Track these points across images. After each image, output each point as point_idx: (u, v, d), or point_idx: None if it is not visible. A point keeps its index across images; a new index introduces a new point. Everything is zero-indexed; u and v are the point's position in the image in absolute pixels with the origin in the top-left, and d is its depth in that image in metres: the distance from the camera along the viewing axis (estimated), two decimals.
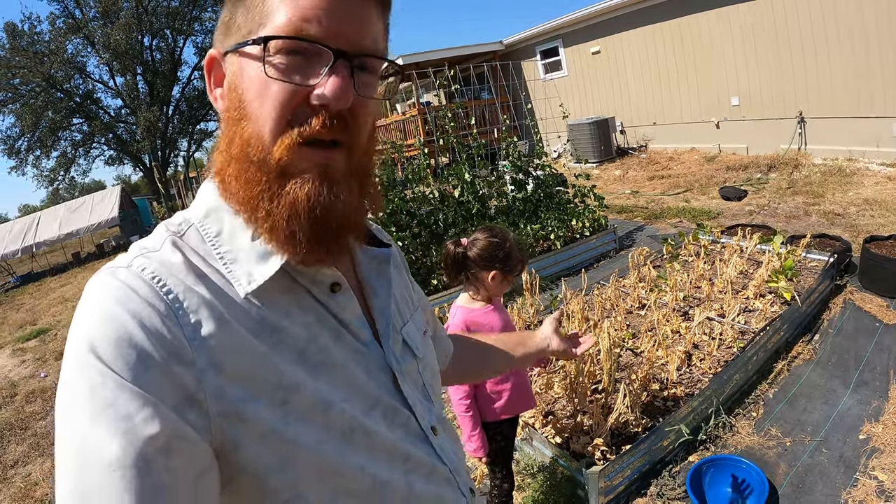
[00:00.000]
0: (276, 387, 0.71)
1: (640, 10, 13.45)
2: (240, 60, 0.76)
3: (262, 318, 0.74)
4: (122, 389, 0.60)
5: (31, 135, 27.03)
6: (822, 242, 5.74)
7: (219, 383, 0.67)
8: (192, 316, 0.68)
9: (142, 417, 0.60)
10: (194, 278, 0.72)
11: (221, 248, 0.77)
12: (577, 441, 3.24)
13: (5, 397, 6.82)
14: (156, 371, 0.63)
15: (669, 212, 8.93)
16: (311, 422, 0.73)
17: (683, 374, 3.80)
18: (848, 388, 3.62)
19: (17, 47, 25.11)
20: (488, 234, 2.52)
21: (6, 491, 4.56)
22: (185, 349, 0.66)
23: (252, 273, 0.75)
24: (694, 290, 5.03)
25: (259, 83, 0.73)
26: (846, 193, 8.20)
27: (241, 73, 0.76)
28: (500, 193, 7.46)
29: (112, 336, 0.63)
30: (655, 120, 14.13)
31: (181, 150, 32.20)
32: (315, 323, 0.80)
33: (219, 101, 0.82)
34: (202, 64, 2.42)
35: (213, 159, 0.83)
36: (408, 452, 0.86)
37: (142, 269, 0.70)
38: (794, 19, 10.30)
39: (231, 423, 0.67)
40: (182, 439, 0.62)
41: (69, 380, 0.63)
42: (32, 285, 16.86)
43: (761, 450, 3.21)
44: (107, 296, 0.67)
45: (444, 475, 0.93)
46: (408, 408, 0.89)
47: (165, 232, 0.79)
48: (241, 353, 0.70)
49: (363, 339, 0.86)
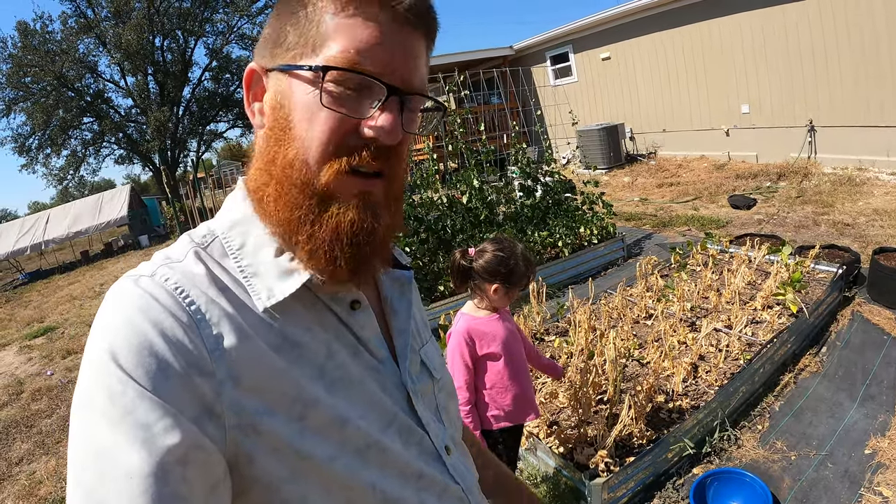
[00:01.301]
0: (295, 401, 0.72)
1: (651, 16, 13.44)
2: (290, 81, 0.76)
3: (282, 333, 0.75)
4: (142, 398, 0.61)
5: (41, 133, 27.24)
6: (831, 253, 5.71)
7: (237, 396, 0.67)
8: (213, 328, 0.69)
9: (161, 427, 0.60)
10: (217, 290, 0.73)
11: (243, 261, 0.78)
12: (581, 452, 3.23)
13: (11, 395, 6.85)
14: (176, 381, 0.63)
15: (678, 220, 8.91)
16: (326, 437, 0.74)
17: (689, 386, 3.79)
18: (854, 401, 3.60)
19: (28, 46, 25.31)
20: (496, 246, 2.52)
21: (10, 488, 4.58)
22: (206, 360, 0.66)
23: (272, 289, 0.76)
24: (701, 301, 5.01)
25: (310, 108, 0.74)
26: (856, 203, 8.16)
27: (290, 95, 0.76)
28: (509, 200, 7.45)
29: (133, 344, 0.63)
30: (665, 127, 14.11)
31: (191, 150, 32.37)
32: (334, 340, 0.80)
33: (257, 116, 0.82)
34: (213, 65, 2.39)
35: (250, 175, 0.83)
36: (420, 471, 0.86)
37: (165, 278, 0.71)
38: (805, 27, 10.27)
39: (247, 435, 0.68)
40: (200, 450, 0.62)
41: (88, 386, 0.63)
42: (41, 283, 16.94)
43: (766, 463, 3.20)
44: (129, 303, 0.67)
45: (457, 494, 0.93)
46: (421, 427, 0.89)
47: (190, 243, 0.79)
48: (260, 366, 0.70)
49: (379, 357, 0.87)
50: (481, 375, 2.59)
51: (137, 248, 20.20)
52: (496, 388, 2.57)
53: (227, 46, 30.28)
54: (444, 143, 7.54)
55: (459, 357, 2.52)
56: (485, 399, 2.58)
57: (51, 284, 16.13)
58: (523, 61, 17.96)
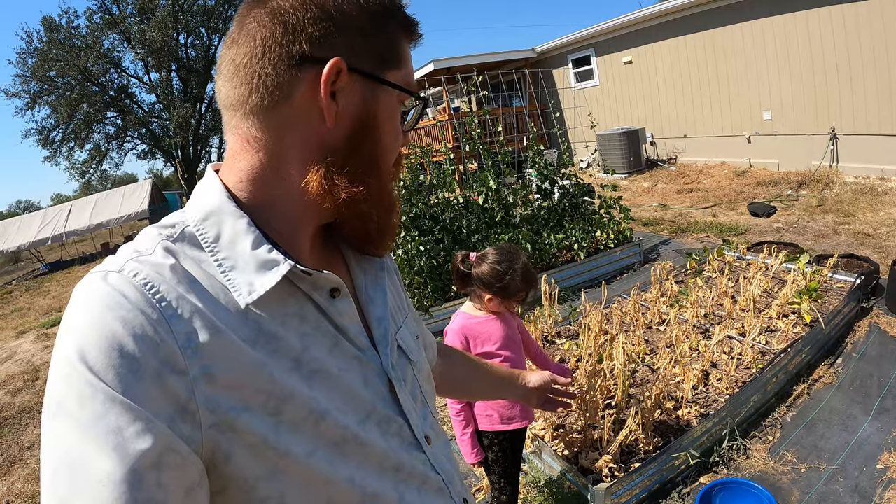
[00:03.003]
0: (269, 396, 0.70)
1: (674, 20, 13.37)
2: (381, 93, 0.82)
3: (257, 327, 0.73)
4: (113, 402, 0.59)
5: (65, 126, 27.60)
6: (850, 263, 5.61)
7: (211, 393, 0.66)
8: (185, 324, 0.67)
9: (133, 431, 0.59)
10: (187, 285, 0.70)
11: (219, 254, 0.75)
12: (586, 456, 3.19)
13: (27, 381, 6.99)
14: (148, 382, 0.62)
15: (696, 226, 8.84)
16: (302, 432, 0.72)
17: (699, 394, 3.73)
18: (868, 415, 3.53)
19: (54, 41, 25.69)
20: (496, 258, 2.50)
21: (20, 472, 4.68)
22: (178, 358, 0.64)
23: (253, 283, 0.74)
24: (716, 307, 4.95)
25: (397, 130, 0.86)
26: (877, 213, 8.05)
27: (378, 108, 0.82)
28: (526, 202, 7.42)
29: (103, 345, 0.61)
30: (686, 132, 14.00)
31: (213, 146, 32.61)
32: (312, 331, 0.79)
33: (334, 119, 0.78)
34: None
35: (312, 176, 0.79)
36: (400, 462, 0.85)
37: (133, 273, 0.68)
38: (828, 35, 10.15)
39: (223, 432, 0.66)
40: (174, 453, 0.61)
41: (57, 388, 0.62)
42: (61, 273, 17.23)
43: (775, 475, 3.14)
44: (97, 301, 0.65)
45: (437, 485, 0.92)
46: (402, 416, 0.88)
47: (158, 235, 0.76)
48: (234, 362, 0.68)
49: (361, 346, 0.85)
50: None
51: None
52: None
53: None
54: (462, 143, 7.54)
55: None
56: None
57: (70, 275, 16.38)
58: (545, 63, 17.95)
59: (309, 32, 0.75)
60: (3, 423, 5.76)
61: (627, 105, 15.83)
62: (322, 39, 0.75)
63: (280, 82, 0.76)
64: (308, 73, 0.75)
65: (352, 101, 0.78)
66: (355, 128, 0.79)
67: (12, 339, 9.65)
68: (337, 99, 0.77)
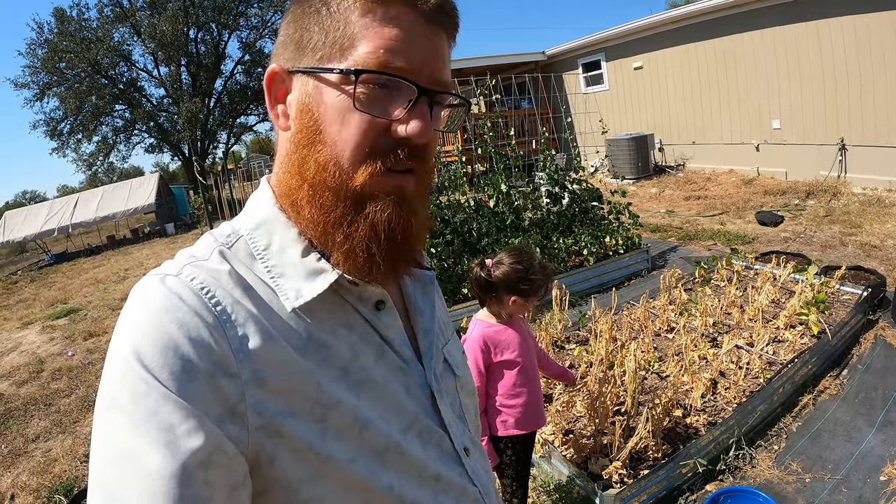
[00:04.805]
0: (316, 403, 0.72)
1: (684, 27, 13.39)
2: (316, 84, 0.76)
3: (307, 335, 0.75)
4: (167, 400, 0.60)
5: (73, 118, 27.64)
6: (857, 275, 5.65)
7: (260, 397, 0.67)
8: (238, 329, 0.68)
9: (185, 429, 0.60)
10: (242, 291, 0.72)
11: (269, 261, 0.77)
12: (595, 462, 3.24)
13: (32, 373, 6.96)
14: (201, 382, 0.63)
15: (704, 234, 8.86)
16: (346, 439, 0.73)
17: (707, 402, 3.78)
18: (873, 427, 3.57)
19: (64, 32, 25.75)
20: (514, 258, 2.54)
21: (25, 464, 4.65)
22: (231, 361, 0.66)
23: (300, 289, 0.76)
24: (724, 317, 4.99)
25: (342, 111, 0.74)
26: (884, 225, 8.06)
27: (319, 98, 0.76)
28: (536, 206, 7.44)
29: (158, 345, 0.63)
30: (695, 139, 14.02)
31: (220, 141, 32.65)
32: (359, 341, 0.80)
33: (280, 119, 0.82)
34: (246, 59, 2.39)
35: (280, 179, 0.83)
36: (439, 473, 0.85)
37: (191, 278, 0.70)
38: (839, 45, 10.16)
39: (269, 436, 0.67)
40: (222, 453, 0.62)
41: (112, 386, 0.63)
42: (66, 265, 17.19)
43: (780, 484, 3.18)
44: (154, 303, 0.67)
45: (475, 496, 0.92)
46: (443, 427, 0.89)
47: (214, 242, 0.79)
48: (284, 368, 0.70)
49: (405, 358, 0.86)
50: (493, 382, 2.62)
51: (163, 235, 20.46)
52: (507, 395, 2.60)
53: (261, 41, 30.51)
54: (474, 145, 7.56)
55: (473, 363, 2.55)
56: (496, 405, 2.61)
57: (76, 267, 16.37)
58: (555, 67, 17.92)
59: (276, 50, 0.81)
60: (8, 415, 5.74)
61: (637, 110, 15.85)
62: (278, 51, 0.81)
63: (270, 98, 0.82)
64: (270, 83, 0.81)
65: (295, 99, 0.79)
66: (300, 124, 0.78)
67: (17, 329, 9.63)
68: (288, 102, 0.80)
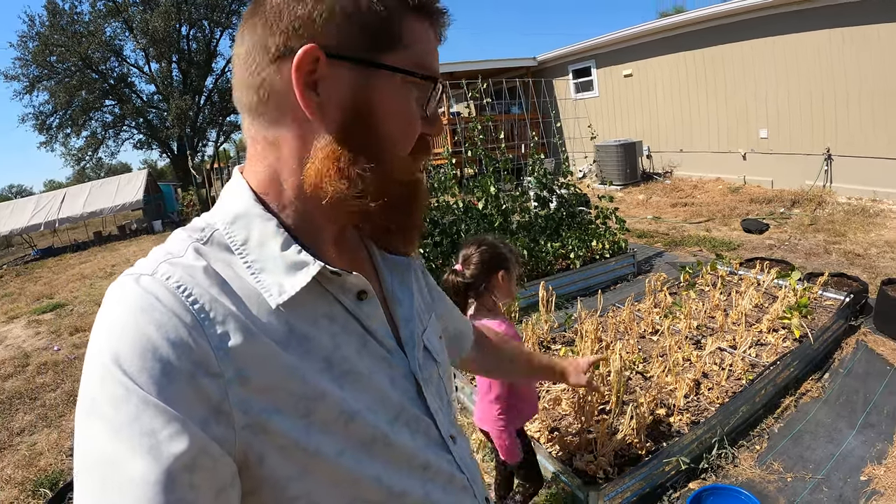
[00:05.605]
0: (301, 397, 0.71)
1: (674, 36, 13.52)
2: (383, 80, 0.76)
3: (289, 328, 0.73)
4: (147, 405, 0.60)
5: (63, 112, 27.46)
6: (840, 281, 5.73)
7: (245, 395, 0.66)
8: (218, 327, 0.67)
9: (167, 434, 0.59)
10: (219, 288, 0.71)
11: (248, 256, 0.75)
12: (580, 458, 3.28)
13: (17, 366, 6.92)
14: (182, 384, 0.62)
15: (690, 240, 8.94)
16: (332, 432, 0.73)
17: (691, 402, 3.82)
18: (854, 429, 3.63)
19: (56, 25, 25.57)
20: (475, 247, 2.58)
21: (10, 457, 4.63)
22: (212, 360, 0.65)
23: (283, 284, 0.74)
24: (708, 320, 5.05)
25: (407, 114, 0.79)
26: (868, 234, 8.19)
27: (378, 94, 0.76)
28: (524, 209, 7.49)
29: (137, 348, 0.62)
30: (682, 147, 14.14)
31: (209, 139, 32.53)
32: (341, 331, 0.80)
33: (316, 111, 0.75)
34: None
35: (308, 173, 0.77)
36: (427, 461, 0.86)
37: (166, 277, 0.69)
38: (826, 57, 10.30)
39: (255, 434, 0.67)
40: (207, 455, 0.62)
41: (91, 391, 0.62)
42: (52, 260, 17.06)
43: (762, 483, 3.23)
44: (131, 304, 0.66)
45: (462, 483, 0.93)
46: (430, 416, 0.90)
47: (188, 238, 0.77)
48: (267, 364, 0.69)
49: (389, 348, 0.86)
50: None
51: (151, 232, 20.37)
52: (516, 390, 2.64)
53: None
54: (464, 148, 7.60)
55: None
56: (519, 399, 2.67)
57: (62, 262, 16.24)
58: (546, 73, 18.05)
59: (286, 23, 0.72)
60: None
61: (626, 117, 15.96)
62: (300, 29, 0.72)
63: (265, 79, 0.75)
64: (286, 66, 0.73)
65: (337, 90, 0.74)
66: (346, 119, 0.75)
67: (2, 323, 9.55)
68: (319, 89, 0.74)
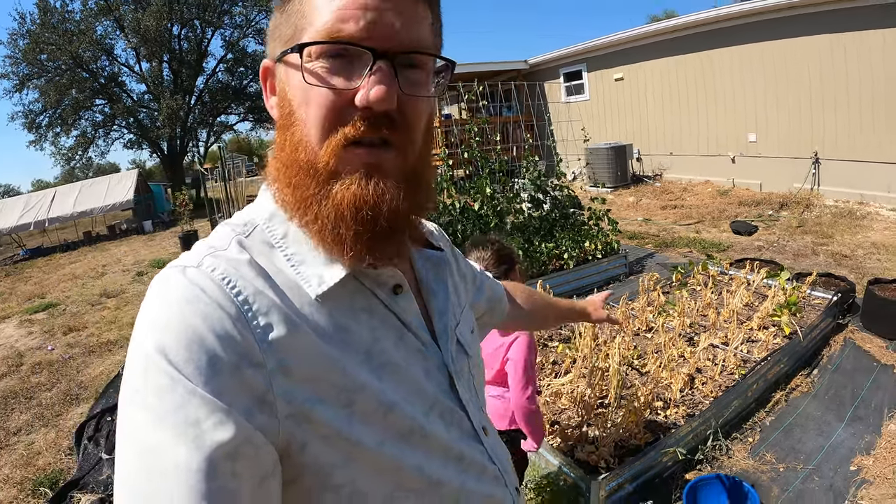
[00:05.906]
0: (342, 389, 0.72)
1: (665, 41, 13.71)
2: (286, 69, 0.77)
3: (330, 320, 0.75)
4: (192, 395, 0.61)
5: (52, 111, 27.12)
6: (828, 281, 5.88)
7: (288, 386, 0.67)
8: (261, 318, 0.68)
9: (211, 423, 0.60)
10: (262, 280, 0.72)
11: (288, 250, 0.78)
12: (581, 449, 3.39)
13: (11, 366, 6.88)
14: (226, 375, 0.63)
15: (680, 241, 9.09)
16: (372, 423, 0.74)
17: (686, 396, 3.94)
18: (842, 422, 3.76)
19: (47, 23, 25.27)
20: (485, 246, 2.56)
21: (7, 457, 4.61)
22: (256, 352, 0.66)
23: (322, 275, 0.76)
24: (700, 318, 5.17)
25: (302, 90, 0.74)
26: (855, 236, 8.36)
27: (288, 82, 0.77)
28: (517, 210, 7.59)
29: (183, 339, 0.63)
30: (672, 150, 14.31)
31: (200, 140, 32.38)
32: (380, 325, 0.81)
33: (274, 110, 0.83)
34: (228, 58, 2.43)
35: (269, 167, 0.83)
36: (462, 452, 0.87)
37: (211, 269, 0.70)
38: (815, 62, 10.50)
39: (299, 423, 0.68)
40: (250, 444, 0.62)
41: (136, 381, 0.63)
42: (42, 259, 16.87)
43: (755, 473, 3.36)
44: (176, 295, 0.67)
45: (494, 474, 0.94)
46: (462, 408, 0.90)
47: (231, 232, 0.78)
48: (309, 355, 0.70)
49: (423, 341, 0.87)
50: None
51: (141, 232, 20.21)
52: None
53: (244, 40, 30.11)
54: (461, 150, 7.67)
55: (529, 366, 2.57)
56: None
57: (52, 262, 16.09)
58: (537, 76, 18.18)
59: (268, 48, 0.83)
60: None
61: (616, 120, 16.13)
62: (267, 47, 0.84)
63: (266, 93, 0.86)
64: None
65: (277, 89, 0.82)
66: (279, 111, 0.81)
67: None
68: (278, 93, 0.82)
